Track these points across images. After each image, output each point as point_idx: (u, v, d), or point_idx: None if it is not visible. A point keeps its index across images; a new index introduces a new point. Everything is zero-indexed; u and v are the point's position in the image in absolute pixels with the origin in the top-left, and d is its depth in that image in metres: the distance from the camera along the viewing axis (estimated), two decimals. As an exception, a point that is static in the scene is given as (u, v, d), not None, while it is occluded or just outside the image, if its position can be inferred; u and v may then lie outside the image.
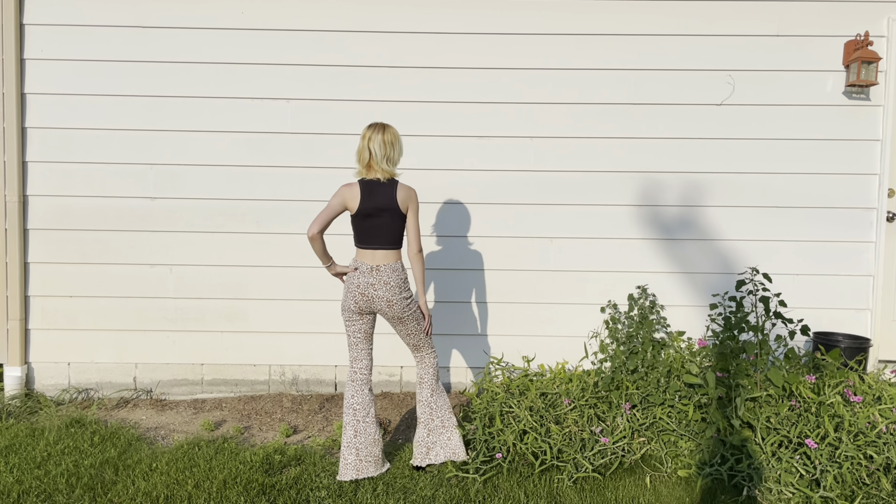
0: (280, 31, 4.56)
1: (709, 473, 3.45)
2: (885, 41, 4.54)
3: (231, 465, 3.55)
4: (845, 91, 4.57)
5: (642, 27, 4.56)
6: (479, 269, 4.70)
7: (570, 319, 4.71)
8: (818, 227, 4.64)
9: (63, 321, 4.69)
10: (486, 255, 4.69)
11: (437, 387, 3.67)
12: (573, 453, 3.55)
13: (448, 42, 4.57)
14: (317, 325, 4.73)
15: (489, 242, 4.67)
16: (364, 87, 4.59)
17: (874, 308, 4.66)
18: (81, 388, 4.72)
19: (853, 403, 3.69)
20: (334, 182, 4.59)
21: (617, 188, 4.65)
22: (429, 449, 3.61)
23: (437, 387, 3.66)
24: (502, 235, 4.68)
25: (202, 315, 4.72)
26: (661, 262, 4.69)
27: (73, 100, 4.57)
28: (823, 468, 3.28)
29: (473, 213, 4.66)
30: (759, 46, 4.57)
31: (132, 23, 4.54)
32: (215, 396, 4.75)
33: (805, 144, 4.60)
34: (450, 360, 4.78)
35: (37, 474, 3.44)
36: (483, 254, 4.69)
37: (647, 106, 4.60)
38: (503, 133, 4.62)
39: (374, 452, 3.49)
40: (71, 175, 4.61)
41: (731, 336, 3.87)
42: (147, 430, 4.18)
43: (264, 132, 4.61)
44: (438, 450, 3.62)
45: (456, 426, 3.66)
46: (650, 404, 3.86)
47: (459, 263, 4.70)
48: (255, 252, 4.68)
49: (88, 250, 4.65)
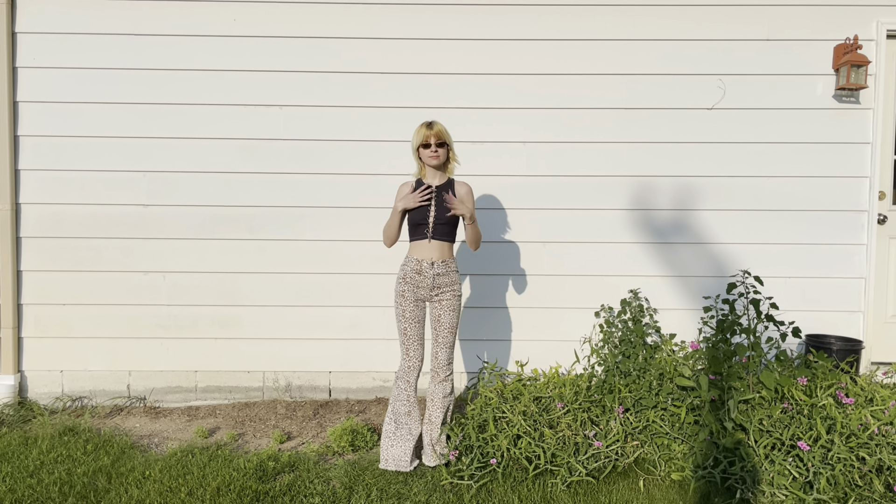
0: (272, 38, 4.57)
1: (702, 476, 3.46)
2: (874, 44, 4.57)
3: (225, 473, 3.54)
4: (835, 94, 4.60)
5: (633, 32, 4.58)
6: (472, 273, 4.71)
7: (564, 323, 4.72)
8: (810, 230, 4.66)
9: (56, 329, 4.69)
10: (479, 260, 4.70)
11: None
12: (567, 457, 3.55)
13: (440, 48, 4.59)
14: (311, 332, 4.73)
15: (482, 247, 4.68)
16: (356, 93, 4.60)
17: (866, 310, 4.68)
18: (75, 396, 4.71)
19: (845, 405, 3.70)
20: (328, 188, 4.62)
21: (609, 192, 4.67)
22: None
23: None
24: (495, 240, 4.69)
25: (196, 322, 4.72)
26: (654, 265, 4.70)
27: (65, 108, 4.57)
28: (816, 470, 3.29)
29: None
30: (749, 50, 4.59)
31: (124, 31, 4.55)
32: (209, 403, 4.74)
33: (796, 148, 4.63)
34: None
35: (30, 483, 3.43)
36: (476, 258, 4.69)
37: (638, 110, 4.62)
38: (496, 138, 4.63)
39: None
40: (64, 183, 4.60)
41: (724, 339, 3.88)
42: (140, 438, 4.17)
43: (257, 139, 4.62)
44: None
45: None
46: (643, 407, 3.86)
47: (453, 268, 4.71)
48: (249, 258, 4.68)
49: (81, 258, 4.65)
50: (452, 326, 3.65)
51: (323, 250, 4.68)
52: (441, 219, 3.58)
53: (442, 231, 3.60)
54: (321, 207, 4.64)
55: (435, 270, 3.58)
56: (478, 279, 4.71)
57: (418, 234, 3.61)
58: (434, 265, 3.58)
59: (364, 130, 4.60)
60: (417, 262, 3.59)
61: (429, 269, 3.57)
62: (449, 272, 3.62)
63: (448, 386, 3.71)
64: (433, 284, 3.59)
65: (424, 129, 3.55)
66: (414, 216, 3.59)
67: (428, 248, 3.59)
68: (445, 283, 3.61)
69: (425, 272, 3.57)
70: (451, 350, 3.67)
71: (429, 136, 3.53)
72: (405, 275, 3.61)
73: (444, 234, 3.61)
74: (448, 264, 3.62)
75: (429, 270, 3.57)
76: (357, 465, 3.67)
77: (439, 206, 3.58)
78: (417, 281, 3.58)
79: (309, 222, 4.66)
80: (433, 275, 3.57)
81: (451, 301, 3.62)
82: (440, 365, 3.66)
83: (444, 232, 3.60)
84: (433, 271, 3.57)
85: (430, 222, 3.57)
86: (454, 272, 3.65)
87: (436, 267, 3.58)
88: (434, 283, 3.59)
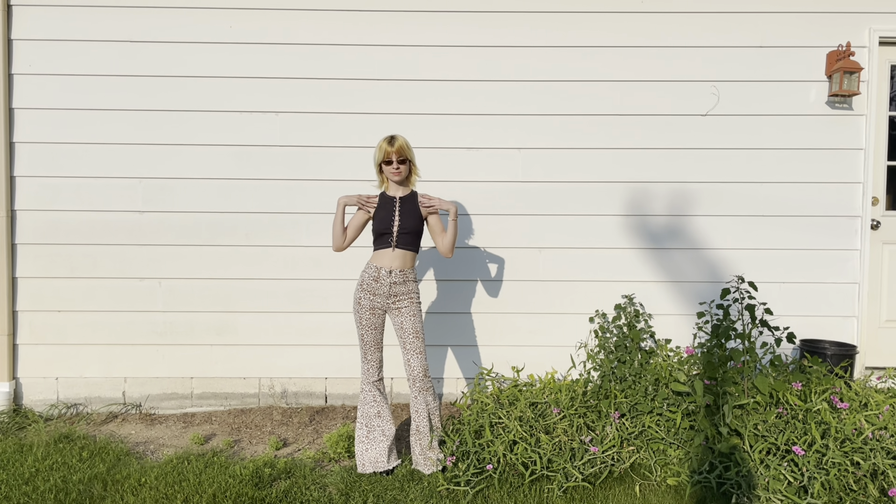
0: (268, 44, 4.59)
1: (698, 481, 3.46)
2: (866, 51, 4.61)
3: (221, 479, 3.53)
4: (828, 101, 4.63)
5: (627, 39, 4.61)
6: (468, 279, 4.72)
7: (560, 329, 4.73)
8: (804, 236, 4.69)
9: (51, 336, 4.68)
10: (475, 266, 4.71)
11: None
12: (563, 463, 3.56)
13: (435, 55, 4.61)
14: (306, 338, 4.73)
15: (478, 253, 4.69)
16: (352, 99, 4.61)
17: (860, 315, 4.70)
18: (70, 403, 4.70)
19: (840, 410, 3.72)
20: (323, 194, 4.62)
21: (605, 198, 4.68)
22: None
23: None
24: (491, 246, 4.70)
25: (191, 328, 4.71)
26: (649, 271, 4.72)
27: (61, 114, 4.57)
28: (811, 475, 3.30)
29: (462, 224, 4.68)
30: (743, 57, 4.62)
31: (120, 37, 4.55)
32: (205, 410, 4.74)
33: (790, 154, 4.65)
34: (442, 370, 4.78)
35: (25, 490, 3.42)
36: (472, 264, 4.70)
37: (633, 117, 4.64)
38: (491, 144, 4.65)
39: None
40: (59, 189, 4.60)
41: (719, 344, 3.89)
42: (136, 445, 4.16)
43: (253, 145, 4.63)
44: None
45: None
46: (639, 413, 3.88)
47: (448, 274, 4.72)
48: (245, 265, 4.68)
49: (77, 265, 4.64)
50: (417, 331, 3.63)
51: (318, 256, 4.69)
52: (405, 227, 3.62)
53: (405, 240, 3.64)
54: (317, 214, 4.65)
55: (392, 279, 3.60)
56: (472, 285, 4.72)
57: (382, 243, 3.65)
58: (392, 273, 3.60)
59: (359, 137, 4.61)
60: (376, 269, 3.62)
61: (386, 276, 3.59)
62: (406, 281, 3.64)
63: (429, 395, 3.70)
64: (389, 293, 3.61)
65: (386, 145, 3.58)
66: (378, 225, 3.64)
67: (390, 256, 3.62)
68: (402, 291, 3.63)
69: (382, 279, 3.60)
70: (422, 356, 3.64)
71: (390, 152, 3.57)
72: (362, 281, 3.64)
73: (408, 244, 3.65)
74: (406, 274, 3.64)
75: (386, 278, 3.59)
76: (353, 472, 3.67)
77: (404, 215, 3.63)
78: (374, 288, 3.60)
79: (305, 229, 4.67)
80: (390, 283, 3.60)
81: (411, 307, 3.64)
82: (416, 374, 3.64)
83: (407, 241, 3.64)
84: (390, 279, 3.60)
85: (395, 231, 3.61)
86: (412, 282, 3.67)
87: (393, 275, 3.60)
88: (391, 291, 3.61)
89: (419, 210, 3.68)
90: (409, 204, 3.67)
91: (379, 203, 3.69)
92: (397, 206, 3.65)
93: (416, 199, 3.70)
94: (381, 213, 3.65)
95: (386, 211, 3.65)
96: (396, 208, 3.65)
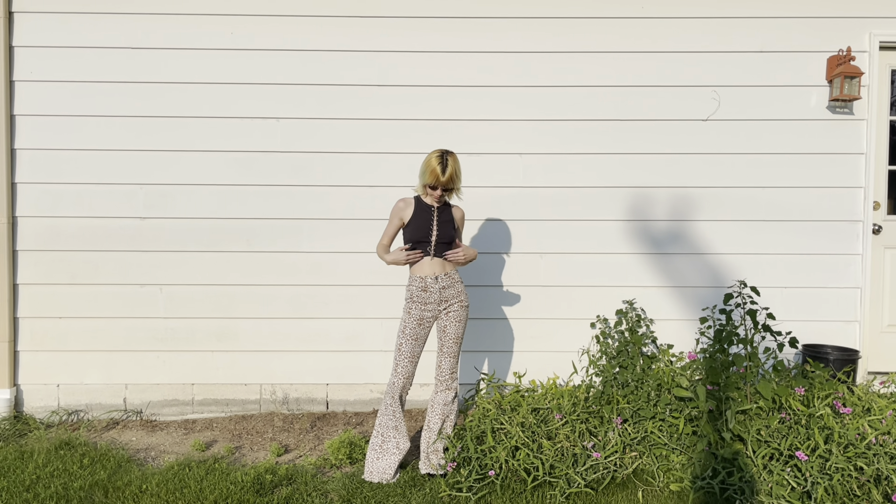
0: (269, 51, 4.59)
1: (701, 487, 3.45)
2: (867, 56, 4.61)
3: (222, 486, 3.52)
4: (829, 105, 4.63)
5: (628, 44, 4.61)
6: (469, 285, 4.71)
7: (561, 334, 4.72)
8: (806, 241, 4.68)
9: (52, 342, 4.67)
10: (477, 272, 4.70)
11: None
12: (565, 469, 3.55)
13: (437, 61, 4.61)
14: (308, 344, 4.72)
15: (479, 259, 4.69)
16: (352, 105, 4.62)
17: (862, 320, 4.69)
18: (71, 410, 4.69)
19: (843, 415, 3.70)
20: (325, 200, 4.63)
21: (606, 203, 4.68)
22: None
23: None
24: (492, 251, 4.70)
25: (192, 335, 4.71)
26: (651, 276, 4.71)
27: (62, 121, 4.58)
28: (814, 480, 3.29)
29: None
30: (743, 62, 4.62)
31: (122, 44, 4.56)
32: (206, 416, 4.72)
33: (791, 159, 4.65)
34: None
35: (26, 497, 3.41)
36: (473, 270, 4.70)
37: (634, 122, 4.65)
38: (492, 150, 4.65)
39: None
40: (60, 196, 4.60)
41: (721, 349, 3.88)
42: (137, 452, 4.15)
43: (254, 151, 4.63)
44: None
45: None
46: (641, 418, 3.86)
47: (450, 280, 4.71)
48: (246, 271, 4.68)
49: (78, 271, 4.64)
50: (458, 337, 3.70)
51: (320, 262, 4.68)
52: (443, 238, 3.65)
53: (443, 249, 3.67)
54: (318, 219, 4.65)
55: (440, 284, 3.63)
56: (475, 290, 4.71)
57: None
58: (438, 279, 3.63)
59: (361, 143, 4.62)
60: (422, 279, 3.63)
61: (433, 283, 3.62)
62: (454, 283, 3.69)
63: (450, 395, 3.75)
64: (440, 298, 3.64)
65: (438, 168, 3.50)
66: (415, 234, 3.64)
67: (430, 264, 3.65)
68: (452, 294, 3.67)
69: (430, 288, 3.62)
70: (455, 360, 3.73)
71: (440, 182, 3.53)
72: (412, 294, 3.66)
73: (443, 252, 3.69)
74: (451, 276, 3.69)
75: (434, 286, 3.62)
76: (355, 478, 3.65)
77: (441, 226, 3.65)
78: (424, 298, 3.62)
79: (306, 234, 4.66)
80: (439, 289, 3.63)
81: (459, 312, 3.69)
82: (443, 374, 3.73)
83: (443, 250, 3.68)
84: (438, 285, 3.63)
85: (433, 241, 3.64)
86: (459, 282, 3.71)
87: (440, 280, 3.63)
88: (441, 297, 3.64)
89: (454, 221, 3.72)
90: (445, 214, 3.69)
91: (415, 210, 3.67)
92: (435, 217, 3.66)
93: (450, 209, 3.73)
94: (417, 222, 3.64)
95: (423, 220, 3.64)
96: (434, 218, 3.65)
